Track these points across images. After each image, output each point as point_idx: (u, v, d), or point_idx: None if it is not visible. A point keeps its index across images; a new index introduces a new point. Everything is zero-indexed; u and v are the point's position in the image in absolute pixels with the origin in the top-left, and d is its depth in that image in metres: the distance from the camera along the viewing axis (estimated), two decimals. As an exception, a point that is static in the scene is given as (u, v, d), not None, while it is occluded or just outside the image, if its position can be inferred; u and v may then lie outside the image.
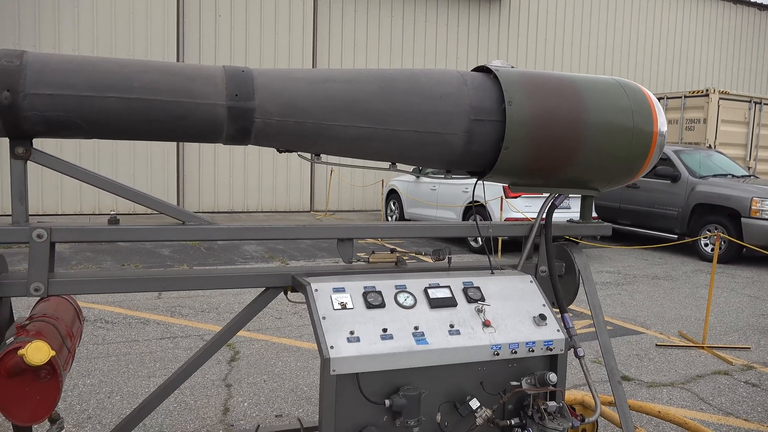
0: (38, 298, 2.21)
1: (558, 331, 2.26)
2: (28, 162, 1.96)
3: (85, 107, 1.96)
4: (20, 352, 1.70)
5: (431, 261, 2.60)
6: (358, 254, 2.52)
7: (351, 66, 15.22)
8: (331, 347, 1.97)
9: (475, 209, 2.60)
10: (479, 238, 9.72)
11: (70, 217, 12.60)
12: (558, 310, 2.61)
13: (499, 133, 2.36)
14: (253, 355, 4.82)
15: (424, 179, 11.33)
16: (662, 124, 2.52)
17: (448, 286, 2.27)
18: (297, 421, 3.35)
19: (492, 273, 2.44)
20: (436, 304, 2.19)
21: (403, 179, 12.12)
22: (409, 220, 11.92)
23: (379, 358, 2.00)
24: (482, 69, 2.52)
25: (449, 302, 2.21)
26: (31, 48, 12.04)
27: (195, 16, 13.50)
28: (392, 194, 12.48)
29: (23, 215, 2.03)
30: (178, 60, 13.27)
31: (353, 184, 15.38)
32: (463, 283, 2.31)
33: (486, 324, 2.18)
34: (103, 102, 1.97)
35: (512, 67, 2.51)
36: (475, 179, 2.56)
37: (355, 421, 2.03)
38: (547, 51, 17.72)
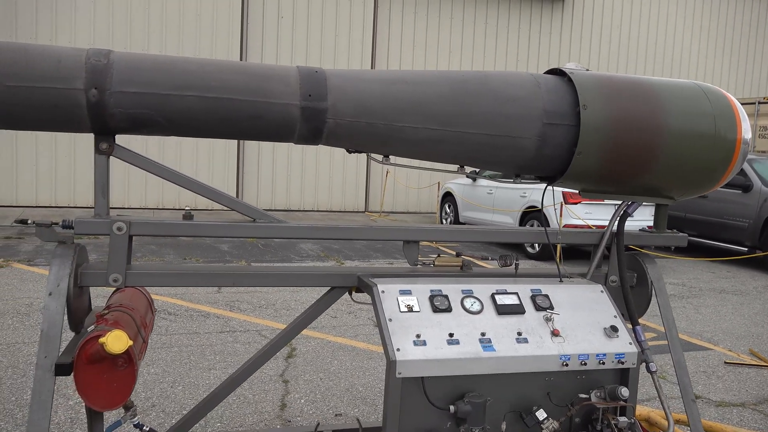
0: (114, 288, 2.29)
1: (630, 344, 2.18)
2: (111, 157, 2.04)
3: (165, 105, 2.01)
4: (101, 340, 1.77)
5: (496, 266, 2.55)
6: (422, 258, 2.50)
7: (410, 67, 15.22)
8: (398, 350, 1.96)
9: (543, 214, 2.54)
10: (537, 244, 9.53)
11: (151, 211, 13.09)
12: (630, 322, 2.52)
13: (573, 137, 2.29)
14: (309, 353, 4.87)
15: (480, 182, 11.22)
16: (746, 130, 2.40)
17: (516, 293, 2.23)
18: (356, 421, 3.36)
19: (561, 281, 2.37)
20: (503, 310, 2.15)
21: (458, 182, 12.03)
22: (464, 223, 11.82)
23: (445, 363, 1.98)
24: (556, 72, 2.46)
25: (517, 309, 2.17)
26: (108, 47, 12.58)
27: (258, 17, 13.80)
28: (447, 197, 12.40)
29: (105, 208, 2.11)
30: (241, 59, 13.59)
31: (408, 186, 15.37)
32: (531, 290, 2.26)
33: (555, 333, 2.12)
34: (183, 100, 2.02)
35: (587, 70, 2.44)
36: (545, 184, 2.50)
37: (418, 425, 2.01)
38: (611, 53, 17.24)
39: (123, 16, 12.75)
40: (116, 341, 1.76)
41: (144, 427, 2.02)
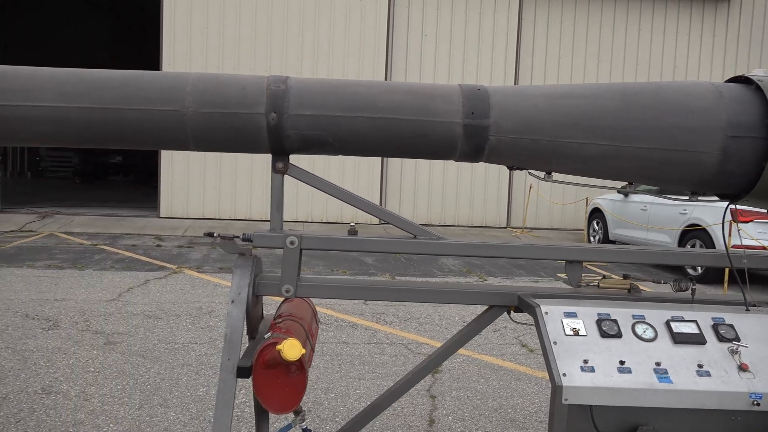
0: (283, 299, 2.44)
1: (836, 385, 1.91)
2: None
3: (336, 126, 2.12)
4: (278, 347, 1.89)
5: (666, 290, 2.36)
6: (585, 279, 2.39)
7: (555, 80, 14.77)
8: (564, 374, 1.88)
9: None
10: (699, 267, 8.74)
11: (317, 225, 13.91)
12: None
13: (762, 151, 2.08)
14: (455, 369, 4.85)
15: (633, 198, 10.54)
16: None
17: (695, 321, 2.05)
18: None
19: (747, 310, 2.15)
20: (680, 339, 1.99)
21: (608, 197, 11.40)
22: (614, 241, 11.16)
23: (615, 392, 1.87)
24: (740, 79, 2.25)
25: (696, 339, 1.99)
26: (266, 72, 13.60)
27: (403, 36, 14.17)
28: (596, 213, 11.80)
29: (279, 223, 2.26)
30: (386, 78, 14.03)
31: (552, 201, 14.86)
32: (713, 318, 2.06)
33: (743, 368, 1.92)
34: (352, 121, 2.12)
35: None
36: (727, 203, 2.29)
37: (584, 455, 1.91)
38: (787, 55, 15.46)
39: (279, 43, 13.72)
40: (291, 349, 1.87)
41: (311, 432, 2.13)
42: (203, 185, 13.72)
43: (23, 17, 22.55)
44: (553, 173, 2.30)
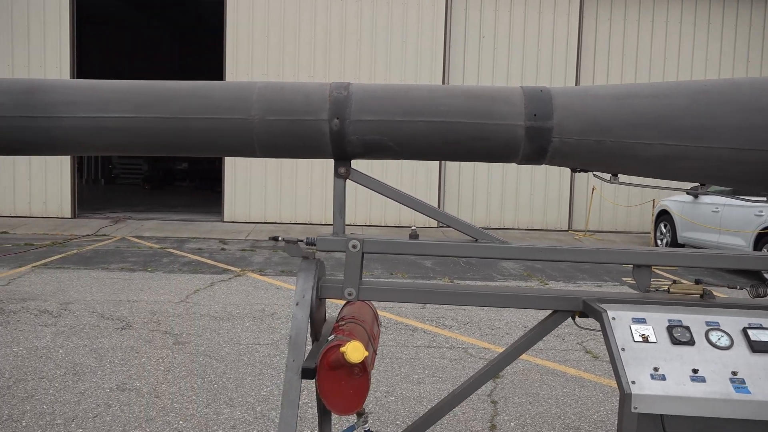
0: (345, 302, 2.47)
1: None
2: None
3: (397, 131, 2.14)
4: (341, 349, 1.92)
5: (744, 296, 2.25)
6: (654, 284, 2.32)
7: (618, 79, 14.34)
8: (633, 382, 1.83)
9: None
10: (777, 271, 8.28)
11: (375, 228, 14.08)
12: None
13: None
14: (516, 375, 4.77)
15: (703, 199, 10.10)
16: None
17: (775, 329, 1.95)
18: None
19: (833, 318, 2.02)
20: (759, 348, 1.90)
21: (677, 199, 10.97)
22: (683, 245, 10.72)
23: (688, 402, 1.80)
24: None
25: (776, 348, 1.90)
26: (324, 78, 13.82)
27: (460, 38, 14.10)
28: (663, 215, 11.38)
29: (341, 227, 2.30)
30: (443, 81, 13.99)
31: (616, 203, 14.41)
32: (794, 326, 1.96)
33: (828, 379, 1.81)
34: (413, 126, 2.13)
35: None
36: (809, 204, 2.17)
37: (655, 466, 1.85)
38: None
39: (337, 50, 13.90)
40: (355, 351, 1.90)
41: (373, 434, 2.15)
42: (264, 190, 14.05)
43: (97, 31, 23.77)
44: (619, 175, 2.24)
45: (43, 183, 13.63)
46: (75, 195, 13.87)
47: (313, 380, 2.08)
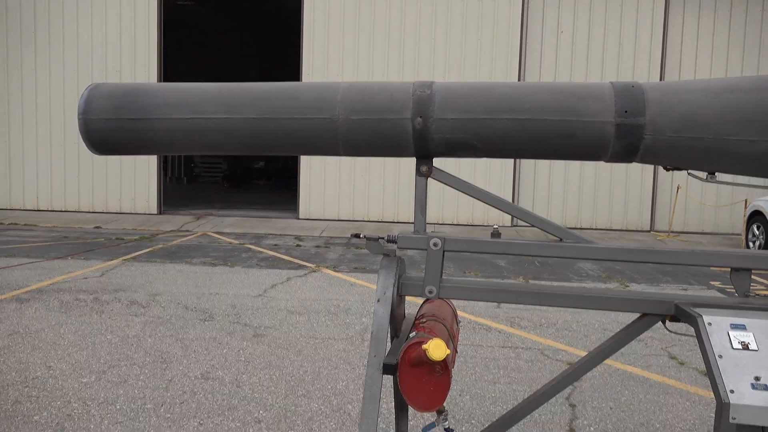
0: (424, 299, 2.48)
1: None
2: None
3: (481, 129, 2.12)
4: (424, 346, 1.93)
5: None
6: (754, 289, 2.18)
7: (707, 74, 13.60)
8: (731, 391, 1.74)
9: None
10: None
11: (448, 227, 14.08)
12: None
13: None
14: (596, 378, 4.63)
15: (802, 200, 9.43)
16: None
17: None
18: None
19: None
20: None
21: (772, 199, 10.30)
22: (779, 247, 10.04)
23: (794, 415, 1.69)
24: None
25: None
26: (397, 77, 13.89)
27: (537, 34, 13.79)
28: (756, 216, 10.70)
29: (423, 225, 2.31)
30: (519, 77, 13.73)
31: (704, 203, 13.68)
32: None
33: None
34: (498, 123, 2.11)
35: None
36: None
37: (754, 480, 1.75)
38: None
39: (411, 50, 13.92)
40: (437, 349, 1.90)
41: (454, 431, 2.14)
42: (338, 189, 14.28)
43: (183, 36, 24.88)
44: (716, 173, 2.13)
45: (132, 181, 14.42)
46: (161, 193, 14.59)
47: (394, 376, 2.10)
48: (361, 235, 2.41)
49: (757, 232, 10.68)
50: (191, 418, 3.77)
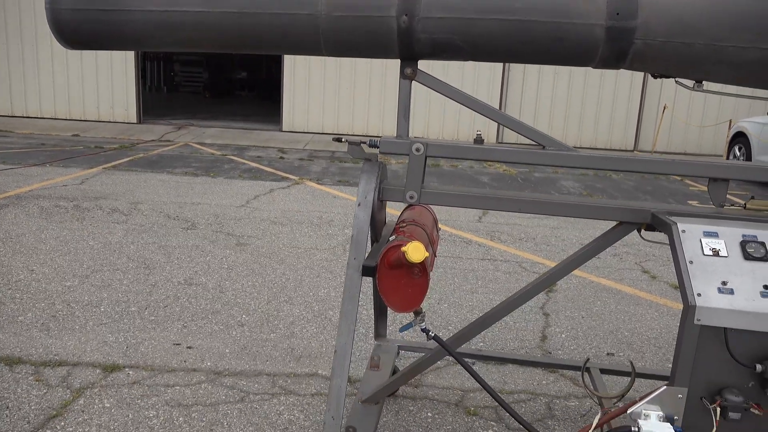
0: (406, 205, 2.48)
1: None
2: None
3: (467, 29, 2.05)
4: (402, 248, 1.95)
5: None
6: (730, 199, 2.21)
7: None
8: (698, 294, 1.79)
9: None
10: None
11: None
12: None
13: None
14: (570, 290, 4.78)
15: (786, 122, 9.46)
16: None
17: None
18: (628, 364, 3.23)
19: None
20: (838, 267, 1.81)
21: (756, 120, 10.32)
22: (758, 169, 10.16)
23: (756, 317, 1.76)
24: None
25: None
26: None
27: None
28: (739, 137, 10.75)
29: (406, 130, 2.27)
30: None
31: (688, 123, 13.68)
32: None
33: None
34: (485, 24, 2.03)
35: None
36: None
37: (713, 378, 1.84)
38: None
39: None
40: (416, 251, 1.92)
41: (430, 332, 2.21)
42: (323, 101, 14.00)
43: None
44: (704, 82, 2.09)
45: (110, 88, 13.98)
46: (140, 101, 14.20)
47: (373, 278, 2.13)
48: (343, 139, 2.38)
49: (738, 154, 10.78)
50: (175, 320, 3.85)
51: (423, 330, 2.23)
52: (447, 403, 3.05)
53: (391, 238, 2.13)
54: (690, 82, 2.14)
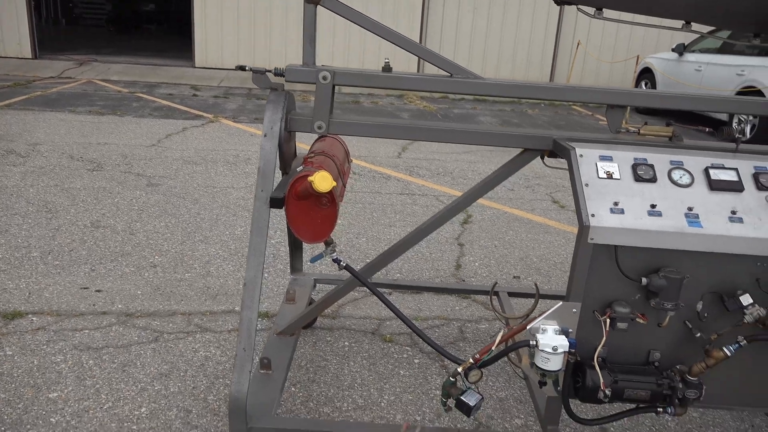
0: (317, 136, 2.44)
1: None
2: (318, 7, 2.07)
3: None
4: (309, 178, 1.92)
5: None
6: (626, 126, 2.31)
7: None
8: (592, 215, 1.88)
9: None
10: (750, 131, 8.39)
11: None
12: None
13: None
14: (485, 221, 4.93)
15: (687, 57, 9.93)
16: None
17: (735, 169, 1.99)
18: (533, 286, 3.40)
19: (794, 160, 2.06)
20: (717, 186, 1.94)
21: (661, 56, 10.77)
22: (661, 103, 10.70)
23: (642, 234, 1.87)
24: None
25: (734, 186, 1.95)
26: None
27: None
28: (646, 73, 11.22)
29: (312, 57, 2.20)
30: None
31: (600, 59, 14.10)
32: (755, 167, 2.00)
33: (778, 216, 1.89)
34: None
35: None
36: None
37: (604, 294, 1.97)
38: None
39: None
40: (323, 181, 1.90)
41: (341, 262, 2.22)
42: (237, 37, 13.37)
43: None
44: (604, 10, 2.13)
45: (-2, 19, 12.74)
46: (34, 34, 13.05)
47: (282, 210, 2.10)
48: (247, 68, 2.28)
49: (645, 89, 11.27)
50: (82, 264, 3.69)
51: (334, 260, 2.24)
52: (364, 332, 3.13)
53: (298, 169, 2.10)
54: (591, 9, 2.18)
